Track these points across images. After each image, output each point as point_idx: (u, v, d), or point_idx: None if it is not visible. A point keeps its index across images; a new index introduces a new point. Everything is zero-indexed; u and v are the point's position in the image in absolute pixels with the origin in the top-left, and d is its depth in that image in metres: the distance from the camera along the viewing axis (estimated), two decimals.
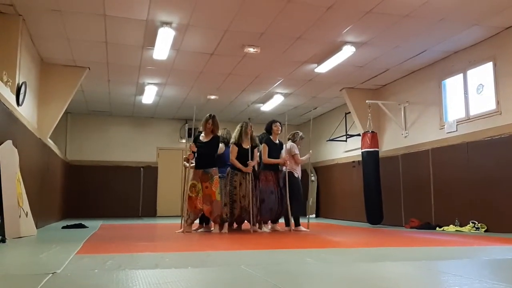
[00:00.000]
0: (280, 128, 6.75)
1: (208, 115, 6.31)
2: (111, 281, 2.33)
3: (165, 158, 12.43)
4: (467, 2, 5.43)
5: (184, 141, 12.60)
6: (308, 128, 7.54)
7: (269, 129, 6.76)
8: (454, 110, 7.33)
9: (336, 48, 6.92)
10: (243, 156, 6.31)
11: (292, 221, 6.59)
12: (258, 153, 6.65)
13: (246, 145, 6.38)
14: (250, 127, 6.47)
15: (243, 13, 5.75)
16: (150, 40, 6.60)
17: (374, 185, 8.14)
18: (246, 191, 6.26)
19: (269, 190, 6.47)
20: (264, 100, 10.43)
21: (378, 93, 9.26)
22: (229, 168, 6.41)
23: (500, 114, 6.29)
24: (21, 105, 5.92)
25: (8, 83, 5.46)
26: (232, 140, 6.49)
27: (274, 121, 6.80)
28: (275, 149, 6.64)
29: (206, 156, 6.15)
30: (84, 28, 6.20)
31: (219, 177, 6.82)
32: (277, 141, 6.74)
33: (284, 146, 6.76)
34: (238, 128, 6.50)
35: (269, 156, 6.55)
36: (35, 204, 6.25)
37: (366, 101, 8.60)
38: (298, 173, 6.78)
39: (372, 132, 8.31)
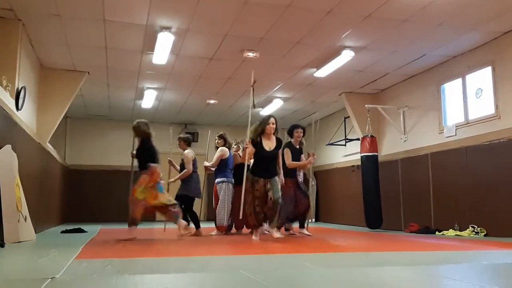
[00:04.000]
0: (301, 134, 6.54)
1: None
2: (110, 286, 2.32)
3: (165, 162, 12.38)
4: (465, 7, 5.45)
5: None
6: (309, 132, 7.51)
7: (291, 134, 6.58)
8: (453, 114, 7.34)
9: (335, 53, 6.93)
10: (264, 159, 5.64)
11: (294, 225, 6.59)
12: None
13: (268, 145, 5.71)
14: (271, 123, 5.70)
15: (243, 18, 5.76)
16: (149, 44, 6.61)
17: (373, 190, 8.13)
18: (272, 197, 5.53)
19: (289, 197, 6.22)
20: (263, 105, 10.43)
21: (377, 97, 9.27)
22: (249, 173, 5.65)
23: (499, 118, 6.30)
24: (20, 110, 5.92)
25: (8, 88, 5.46)
26: (250, 135, 5.78)
27: (296, 127, 6.59)
28: (295, 154, 6.44)
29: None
30: (83, 32, 6.22)
31: (223, 182, 6.79)
32: (298, 146, 6.54)
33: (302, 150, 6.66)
34: (258, 122, 5.79)
35: (291, 161, 6.37)
36: (34, 209, 6.24)
37: (365, 106, 8.62)
38: (299, 178, 6.78)
39: (371, 136, 8.31)
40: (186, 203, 6.50)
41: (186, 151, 6.80)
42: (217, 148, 7.00)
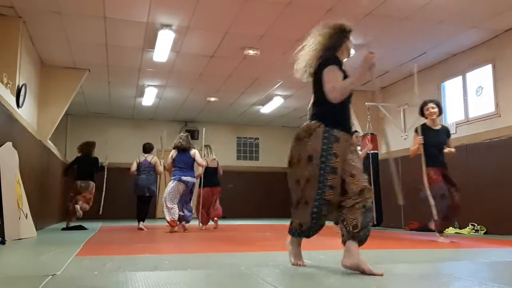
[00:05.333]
0: (433, 110, 5.15)
1: None
2: (111, 283, 2.33)
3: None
4: (466, 4, 5.44)
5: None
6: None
7: (422, 113, 5.33)
8: (453, 112, 7.35)
9: None
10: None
11: None
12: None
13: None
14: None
15: (243, 16, 5.76)
16: (150, 42, 6.61)
17: (374, 187, 8.10)
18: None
19: (439, 192, 4.91)
20: (263, 102, 10.44)
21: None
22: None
23: (499, 116, 6.30)
24: (21, 107, 5.93)
25: (8, 85, 5.47)
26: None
27: (425, 103, 5.27)
28: (434, 137, 5.08)
29: None
30: (84, 30, 6.22)
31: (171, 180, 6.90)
32: (439, 127, 5.22)
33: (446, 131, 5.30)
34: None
35: (428, 146, 5.06)
36: (35, 206, 6.25)
37: (366, 103, 8.60)
38: None
39: (372, 134, 8.31)
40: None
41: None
42: None
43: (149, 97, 9.79)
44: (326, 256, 3.76)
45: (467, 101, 6.99)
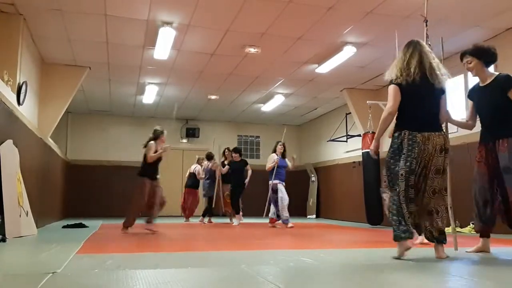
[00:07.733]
0: (470, 65, 4.05)
1: None
2: (111, 281, 2.33)
3: (166, 157, 12.41)
4: (467, 3, 5.43)
5: (184, 140, 12.61)
6: (311, 128, 7.48)
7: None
8: (455, 111, 7.32)
9: (337, 49, 6.92)
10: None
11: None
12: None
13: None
14: None
15: (244, 13, 5.75)
16: (151, 40, 6.61)
17: (374, 186, 8.13)
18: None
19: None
20: (264, 100, 10.43)
21: (379, 93, 9.25)
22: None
23: None
24: (21, 105, 5.93)
25: (9, 83, 5.47)
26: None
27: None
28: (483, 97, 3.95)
29: None
30: (85, 27, 6.21)
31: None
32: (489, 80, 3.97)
33: None
34: None
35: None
36: (36, 204, 6.25)
37: (367, 102, 8.58)
38: None
39: (373, 132, 8.29)
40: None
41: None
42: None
43: (149, 95, 9.79)
44: (326, 254, 3.75)
45: (468, 100, 6.96)
